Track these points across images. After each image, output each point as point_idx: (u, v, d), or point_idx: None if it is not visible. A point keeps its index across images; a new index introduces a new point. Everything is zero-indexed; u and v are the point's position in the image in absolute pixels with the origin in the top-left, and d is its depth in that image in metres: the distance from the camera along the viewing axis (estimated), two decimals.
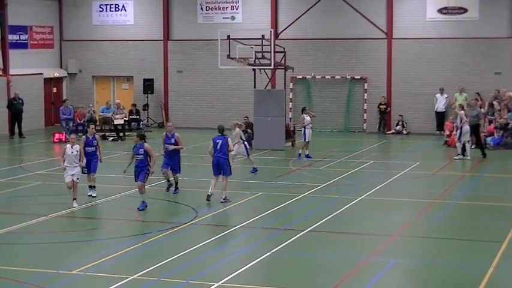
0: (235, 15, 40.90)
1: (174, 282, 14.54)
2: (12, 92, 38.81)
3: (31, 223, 19.24)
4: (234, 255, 16.78)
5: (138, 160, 20.92)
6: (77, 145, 21.43)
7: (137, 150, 20.91)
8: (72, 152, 21.03)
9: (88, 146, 22.42)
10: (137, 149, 20.90)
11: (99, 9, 43.16)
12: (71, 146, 21.13)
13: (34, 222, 19.35)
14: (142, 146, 20.86)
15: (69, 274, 14.87)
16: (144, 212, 20.87)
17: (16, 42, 40.55)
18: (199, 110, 41.67)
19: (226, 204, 21.76)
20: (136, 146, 20.98)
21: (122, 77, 43.31)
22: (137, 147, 20.94)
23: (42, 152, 33.65)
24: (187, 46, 41.71)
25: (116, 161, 29.77)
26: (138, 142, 20.96)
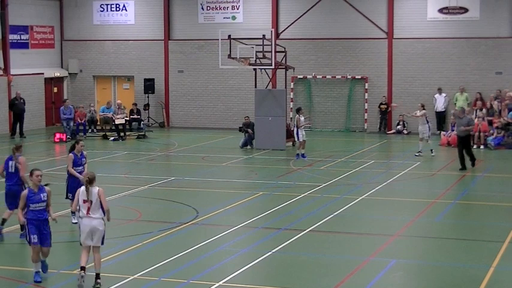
0: (236, 15, 40.89)
1: (175, 282, 14.53)
2: (13, 92, 38.84)
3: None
4: (234, 255, 16.77)
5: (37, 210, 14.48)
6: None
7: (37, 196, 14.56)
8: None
9: (76, 166, 18.86)
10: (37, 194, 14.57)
11: (99, 9, 43.15)
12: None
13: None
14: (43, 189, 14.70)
15: (71, 274, 14.87)
16: (145, 212, 20.86)
17: (17, 42, 40.56)
18: (200, 110, 41.67)
19: (226, 204, 21.74)
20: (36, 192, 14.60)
21: (122, 76, 43.31)
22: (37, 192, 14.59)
23: (43, 151, 33.64)
24: (188, 46, 41.71)
25: (116, 161, 29.77)
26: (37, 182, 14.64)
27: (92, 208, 14.05)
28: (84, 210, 14.10)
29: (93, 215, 14.05)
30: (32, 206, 14.37)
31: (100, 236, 14.13)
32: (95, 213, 14.06)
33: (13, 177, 17.82)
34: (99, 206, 14.10)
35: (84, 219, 14.11)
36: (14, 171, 17.87)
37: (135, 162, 30.04)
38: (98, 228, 14.07)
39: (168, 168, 29.29)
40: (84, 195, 14.11)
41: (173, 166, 29.67)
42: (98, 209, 14.10)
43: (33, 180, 14.57)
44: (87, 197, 14.07)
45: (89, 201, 14.07)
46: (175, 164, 30.22)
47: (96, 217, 14.07)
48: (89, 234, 14.08)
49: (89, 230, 14.04)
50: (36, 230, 14.31)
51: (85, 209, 14.10)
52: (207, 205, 21.63)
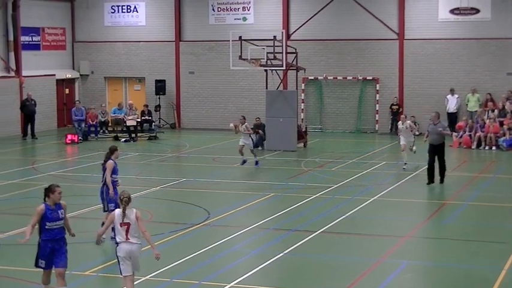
0: (247, 16, 40.91)
1: (187, 283, 14.57)
2: (24, 93, 38.96)
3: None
4: (246, 256, 16.80)
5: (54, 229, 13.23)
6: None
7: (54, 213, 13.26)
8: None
9: (114, 174, 17.14)
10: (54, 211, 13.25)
11: (111, 11, 43.24)
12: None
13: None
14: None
15: (82, 275, 14.91)
16: (157, 213, 20.90)
17: (28, 43, 40.68)
18: (211, 111, 41.70)
19: (237, 205, 21.75)
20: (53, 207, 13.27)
21: (133, 78, 43.39)
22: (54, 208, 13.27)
23: (55, 153, 33.73)
24: (199, 47, 41.74)
25: (128, 162, 29.82)
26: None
27: (130, 231, 12.80)
28: (122, 234, 12.83)
29: (132, 239, 12.80)
30: (49, 224, 13.04)
31: (138, 263, 12.98)
32: (133, 238, 12.81)
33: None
34: (137, 230, 12.88)
35: (122, 245, 12.82)
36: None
37: (146, 164, 30.09)
38: (136, 253, 12.86)
39: (179, 169, 29.33)
40: (121, 218, 12.85)
41: (184, 167, 29.71)
42: (137, 233, 12.90)
43: (54, 198, 13.14)
44: (124, 220, 12.81)
45: (126, 224, 12.81)
46: (186, 165, 30.26)
47: (135, 242, 12.83)
48: (129, 260, 12.81)
49: (128, 256, 12.78)
50: (48, 254, 13.04)
51: (123, 232, 12.82)
52: (218, 206, 21.66)
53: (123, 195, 12.87)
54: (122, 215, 12.79)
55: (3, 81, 38.65)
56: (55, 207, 13.10)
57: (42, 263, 13.10)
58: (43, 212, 13.01)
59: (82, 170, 28.08)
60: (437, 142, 24.59)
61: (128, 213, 12.79)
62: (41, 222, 13.04)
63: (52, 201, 13.10)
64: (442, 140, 24.70)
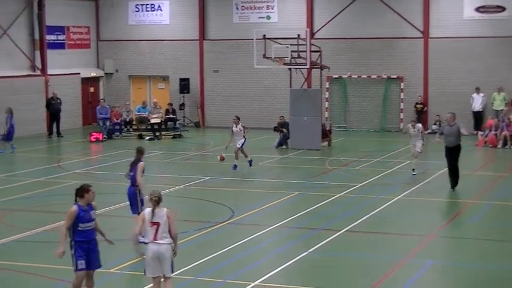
0: (271, 14, 40.89)
1: (211, 282, 14.58)
2: (50, 92, 39.19)
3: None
4: (270, 255, 16.80)
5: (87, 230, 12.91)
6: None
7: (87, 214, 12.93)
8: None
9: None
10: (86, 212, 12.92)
11: (135, 9, 43.38)
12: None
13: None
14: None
15: (106, 273, 14.96)
16: (181, 211, 20.94)
17: (53, 42, 40.90)
18: (235, 109, 41.62)
19: (262, 203, 21.75)
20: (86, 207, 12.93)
21: (158, 76, 43.49)
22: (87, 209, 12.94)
23: (80, 151, 33.89)
24: (223, 46, 41.78)
25: (152, 160, 29.89)
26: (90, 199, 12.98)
27: (159, 231, 12.45)
28: (151, 234, 12.50)
29: (160, 240, 12.45)
30: (82, 225, 12.69)
31: (169, 264, 12.55)
32: (162, 238, 12.46)
33: None
34: (167, 230, 12.52)
35: (150, 245, 12.52)
36: None
37: (170, 162, 30.16)
38: (165, 255, 12.47)
39: (203, 167, 29.36)
40: (152, 217, 12.52)
41: (208, 165, 29.74)
42: (166, 233, 12.50)
43: (88, 198, 12.81)
44: (154, 219, 12.50)
45: (156, 224, 12.47)
46: (210, 163, 30.29)
47: (164, 242, 12.46)
48: (156, 262, 12.49)
49: (156, 257, 12.45)
50: (84, 254, 12.72)
51: (152, 232, 12.50)
52: (242, 205, 21.68)
53: (153, 194, 12.62)
54: (152, 214, 12.51)
55: (29, 80, 38.89)
56: (87, 208, 12.78)
57: (82, 263, 12.71)
58: (76, 213, 12.64)
59: (106, 168, 28.19)
60: (452, 144, 23.60)
61: (158, 212, 12.49)
62: (73, 224, 12.67)
63: (85, 202, 12.76)
64: (458, 142, 23.64)
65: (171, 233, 12.53)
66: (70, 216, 12.62)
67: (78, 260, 12.65)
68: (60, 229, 12.79)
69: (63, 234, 12.64)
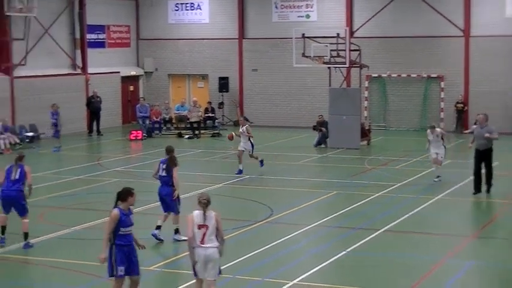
0: (310, 13, 40.80)
1: (249, 280, 14.60)
2: (90, 90, 39.49)
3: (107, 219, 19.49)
4: (308, 254, 16.77)
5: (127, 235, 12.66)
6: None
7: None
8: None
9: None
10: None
11: (174, 8, 43.53)
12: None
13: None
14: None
15: (147, 270, 15.03)
16: (220, 210, 20.93)
17: (94, 41, 41.20)
18: (274, 108, 41.69)
19: (300, 202, 21.71)
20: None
21: (197, 75, 43.61)
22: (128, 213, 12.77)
23: (120, 149, 34.10)
24: (262, 44, 41.76)
25: (191, 159, 29.99)
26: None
27: (207, 235, 12.23)
28: (199, 237, 12.27)
29: (208, 243, 12.23)
30: (123, 230, 12.44)
31: (216, 267, 12.37)
32: (210, 242, 12.24)
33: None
34: (214, 233, 12.29)
35: (198, 249, 12.28)
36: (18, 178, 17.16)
37: (209, 160, 30.24)
38: (213, 258, 12.28)
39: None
40: (200, 220, 12.32)
41: (247, 164, 29.70)
42: (213, 237, 12.28)
43: (130, 201, 12.61)
44: (203, 222, 12.27)
45: (204, 227, 12.26)
46: (249, 162, 30.28)
47: (211, 246, 12.24)
48: (203, 265, 12.29)
49: (203, 260, 12.25)
50: (125, 260, 12.40)
51: (200, 235, 12.26)
52: (281, 203, 21.66)
53: (202, 197, 12.42)
54: (201, 217, 12.29)
55: (70, 79, 39.21)
56: (128, 212, 12.58)
57: (122, 270, 12.34)
58: (119, 217, 12.40)
59: (146, 166, 28.31)
60: (483, 147, 22.55)
61: (207, 215, 12.30)
62: (114, 228, 12.43)
63: (127, 206, 12.55)
64: (490, 145, 22.57)
65: (219, 237, 12.32)
66: (113, 221, 12.38)
67: (118, 266, 12.35)
68: (103, 234, 12.52)
69: (106, 240, 12.40)
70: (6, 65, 35.66)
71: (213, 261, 12.28)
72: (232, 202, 22.46)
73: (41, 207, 21.44)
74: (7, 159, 30.80)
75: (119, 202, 12.53)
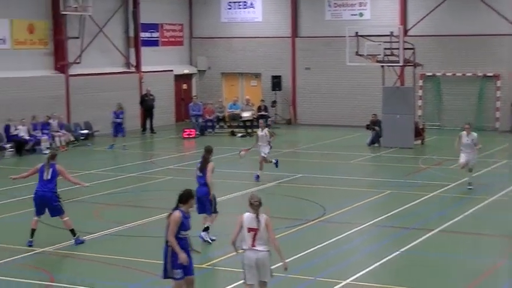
0: (364, 11, 40.55)
1: (302, 279, 14.54)
2: (144, 89, 39.75)
3: (160, 217, 19.59)
4: (361, 254, 16.66)
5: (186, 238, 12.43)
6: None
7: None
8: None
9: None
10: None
11: (227, 7, 43.61)
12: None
13: (163, 217, 19.64)
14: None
15: (199, 268, 15.04)
16: (272, 208, 20.92)
17: (147, 39, 41.45)
18: (327, 107, 41.51)
19: (353, 202, 21.57)
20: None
21: (250, 73, 43.62)
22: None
23: (173, 147, 34.27)
24: (315, 43, 41.62)
25: (245, 157, 29.96)
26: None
27: (258, 238, 11.89)
28: (249, 240, 11.93)
29: (259, 246, 11.89)
30: (183, 233, 12.16)
31: (268, 271, 12.02)
32: (260, 245, 11.90)
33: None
34: (265, 236, 11.94)
35: (248, 252, 11.95)
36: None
37: None
38: (264, 262, 11.94)
39: (295, 165, 29.28)
40: (250, 223, 11.97)
41: (300, 163, 29.68)
42: (264, 240, 11.93)
43: (191, 203, 12.37)
44: (253, 225, 11.90)
45: (254, 230, 11.90)
46: (302, 160, 30.24)
47: (262, 249, 11.91)
48: (253, 269, 11.96)
49: (254, 264, 11.91)
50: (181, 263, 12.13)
51: (250, 239, 11.93)
52: (333, 202, 21.55)
53: (253, 198, 12.01)
54: (251, 219, 11.93)
55: (124, 77, 39.51)
56: (188, 215, 12.30)
57: (179, 272, 12.09)
58: (181, 220, 12.10)
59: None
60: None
61: (258, 218, 11.92)
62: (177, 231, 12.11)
63: (187, 208, 12.26)
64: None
65: (272, 242, 11.96)
66: (176, 223, 12.02)
67: (175, 268, 12.10)
68: (169, 239, 12.04)
69: (175, 243, 12.00)
70: (61, 63, 36.06)
71: (264, 264, 11.97)
72: (284, 201, 22.41)
73: (95, 204, 21.64)
74: (63, 156, 31.21)
75: (180, 204, 12.22)
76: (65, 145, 32.99)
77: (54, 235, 17.58)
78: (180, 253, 11.97)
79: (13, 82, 33.50)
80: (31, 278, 14.79)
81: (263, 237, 11.90)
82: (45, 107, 34.14)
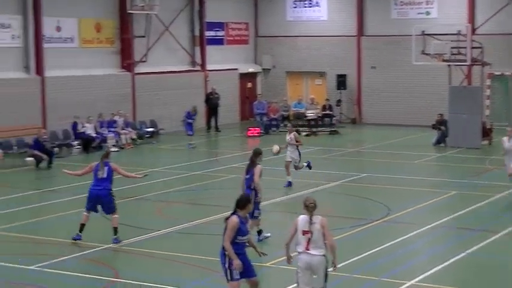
0: (430, 10, 40.09)
1: (366, 279, 14.43)
2: (209, 87, 39.92)
3: (221, 216, 19.62)
4: (426, 255, 16.48)
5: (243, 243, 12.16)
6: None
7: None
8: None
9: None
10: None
11: (293, 6, 43.54)
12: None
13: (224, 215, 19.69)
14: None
15: (262, 266, 15.05)
16: (337, 207, 20.83)
17: (213, 38, 41.62)
18: (392, 106, 41.13)
19: (418, 202, 21.32)
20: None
21: (314, 72, 43.47)
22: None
23: (237, 146, 34.32)
24: (381, 42, 41.28)
25: (308, 156, 29.88)
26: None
27: (312, 241, 11.54)
28: (304, 243, 11.60)
29: (313, 250, 11.53)
30: (240, 238, 11.88)
31: (322, 276, 11.63)
32: (315, 249, 11.53)
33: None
34: (321, 239, 11.58)
35: (302, 255, 11.61)
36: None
37: (326, 158, 30.09)
38: (318, 266, 11.57)
39: (359, 164, 29.12)
40: (305, 225, 11.63)
41: (364, 162, 29.49)
42: (320, 243, 11.56)
43: (249, 209, 12.13)
44: (308, 227, 11.56)
45: (309, 233, 11.57)
46: (366, 160, 30.04)
47: (317, 253, 11.54)
48: (308, 273, 11.61)
49: (308, 268, 11.58)
50: (240, 266, 11.87)
51: (304, 242, 11.59)
52: (398, 203, 21.36)
53: (308, 201, 11.67)
54: (306, 222, 11.59)
55: (189, 75, 39.72)
56: (245, 220, 12.09)
57: (238, 274, 11.87)
58: (238, 225, 11.85)
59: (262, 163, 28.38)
60: None
61: (312, 220, 11.58)
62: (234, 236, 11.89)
63: (245, 213, 12.05)
64: None
65: (328, 244, 11.62)
66: (234, 229, 11.79)
67: (233, 272, 11.86)
68: (225, 244, 11.79)
69: (231, 249, 11.75)
70: (128, 61, 36.41)
71: (318, 269, 11.60)
72: (349, 200, 22.30)
73: (158, 202, 21.81)
74: (128, 154, 31.58)
75: (238, 209, 12.01)
76: (130, 143, 33.33)
77: (119, 231, 17.71)
78: (234, 259, 11.73)
79: (80, 80, 33.94)
80: (96, 273, 14.96)
81: (318, 241, 11.56)
82: (112, 105, 34.51)
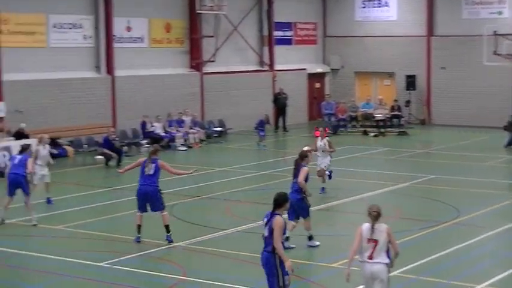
0: (503, 10, 39.42)
1: (434, 282, 14.26)
2: (277, 87, 39.95)
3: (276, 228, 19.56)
4: (497, 258, 16.19)
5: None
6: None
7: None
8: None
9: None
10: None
11: (361, 5, 43.30)
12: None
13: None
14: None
15: (328, 267, 15.00)
16: (405, 209, 20.65)
17: (281, 38, 41.64)
18: (462, 107, 40.57)
19: (488, 204, 20.99)
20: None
21: (383, 73, 43.15)
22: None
23: (305, 146, 34.17)
24: (451, 42, 40.75)
25: (376, 157, 29.73)
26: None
27: (377, 250, 11.18)
28: (368, 252, 11.22)
29: (376, 259, 11.17)
30: (282, 236, 11.65)
31: (384, 285, 11.21)
32: (379, 257, 11.18)
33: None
34: (385, 248, 11.23)
35: (365, 265, 11.24)
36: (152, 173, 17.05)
37: (395, 159, 29.85)
38: (380, 276, 11.17)
39: (428, 165, 28.78)
40: (369, 234, 11.26)
41: (433, 164, 29.15)
42: (384, 252, 11.22)
43: (286, 207, 11.90)
44: (372, 236, 11.20)
45: (374, 241, 11.20)
46: (435, 161, 29.68)
47: (378, 261, 11.18)
48: (370, 282, 11.25)
49: (371, 277, 11.20)
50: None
51: (369, 250, 11.22)
52: (468, 205, 21.05)
53: (372, 208, 11.33)
54: (371, 230, 11.22)
55: (257, 75, 39.81)
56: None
57: (288, 278, 11.50)
58: (284, 224, 11.62)
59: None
60: None
61: (377, 228, 11.22)
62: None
63: (282, 212, 11.79)
64: None
65: (394, 252, 11.32)
66: (282, 229, 11.49)
67: (285, 275, 11.48)
68: (277, 246, 11.36)
69: (282, 249, 11.43)
70: (196, 61, 36.67)
71: (381, 278, 11.19)
72: (418, 202, 22.08)
73: (227, 201, 21.90)
74: (197, 153, 31.82)
75: (277, 208, 11.68)
76: (198, 142, 33.55)
77: (187, 230, 17.83)
78: (286, 261, 11.38)
79: (150, 80, 34.32)
80: (164, 271, 15.08)
81: (382, 249, 11.23)
82: (180, 105, 34.79)
